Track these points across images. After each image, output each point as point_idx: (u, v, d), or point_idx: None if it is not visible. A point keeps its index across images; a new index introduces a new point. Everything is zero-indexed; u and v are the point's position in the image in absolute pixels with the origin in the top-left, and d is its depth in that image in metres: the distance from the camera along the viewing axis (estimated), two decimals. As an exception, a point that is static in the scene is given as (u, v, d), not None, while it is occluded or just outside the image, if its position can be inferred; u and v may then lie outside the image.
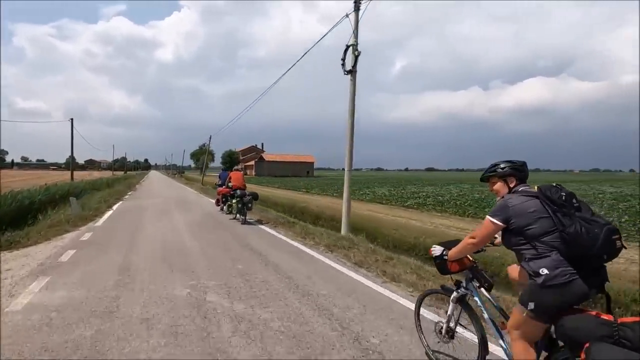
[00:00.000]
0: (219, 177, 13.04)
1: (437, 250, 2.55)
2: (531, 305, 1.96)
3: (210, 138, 31.69)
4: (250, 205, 9.95)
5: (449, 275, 2.71)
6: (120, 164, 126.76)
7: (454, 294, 2.61)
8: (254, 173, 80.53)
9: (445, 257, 2.49)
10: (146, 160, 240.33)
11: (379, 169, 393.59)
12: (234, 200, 10.41)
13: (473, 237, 2.29)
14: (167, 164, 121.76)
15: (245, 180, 10.81)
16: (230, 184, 10.74)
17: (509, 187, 2.31)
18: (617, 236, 1.88)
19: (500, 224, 2.13)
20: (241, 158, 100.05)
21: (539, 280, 1.93)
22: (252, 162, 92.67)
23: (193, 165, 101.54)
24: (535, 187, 2.18)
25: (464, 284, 2.59)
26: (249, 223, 9.91)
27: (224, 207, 12.09)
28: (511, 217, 2.10)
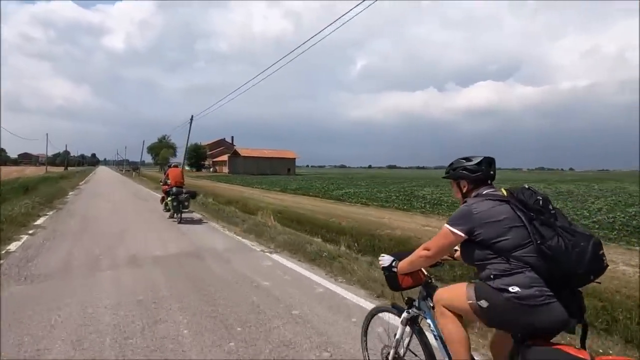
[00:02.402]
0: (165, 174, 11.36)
1: (385, 260, 2.15)
2: (483, 303, 1.69)
3: (191, 118, 21.52)
4: (187, 203, 9.82)
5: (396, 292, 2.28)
6: (62, 159, 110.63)
7: (404, 314, 2.23)
8: (227, 170, 69.72)
9: (395, 270, 2.10)
10: (94, 155, 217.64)
11: (342, 166, 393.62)
12: (169, 198, 9.96)
13: (427, 249, 1.91)
14: (119, 159, 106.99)
15: (184, 176, 10.61)
16: (168, 181, 10.19)
17: (462, 192, 2.00)
18: (602, 251, 1.60)
19: (462, 234, 1.77)
20: (208, 153, 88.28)
21: (506, 295, 1.62)
22: (223, 158, 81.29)
23: (151, 160, 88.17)
24: (504, 190, 1.86)
25: (417, 303, 2.19)
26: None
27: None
28: (476, 226, 1.75)
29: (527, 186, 1.82)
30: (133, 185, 26.49)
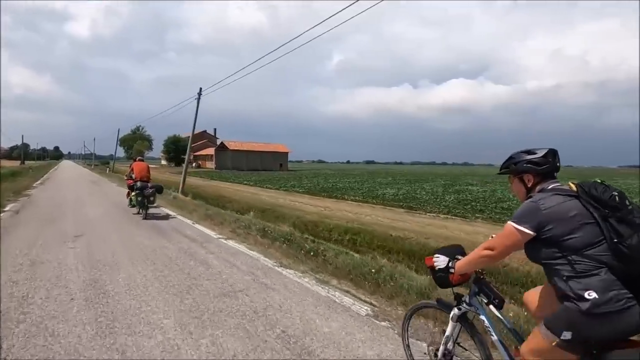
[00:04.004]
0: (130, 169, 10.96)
1: (441, 261, 2.03)
2: (567, 335, 1.55)
3: (199, 92, 14.77)
4: (152, 199, 9.47)
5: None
6: (19, 152, 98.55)
7: (454, 310, 2.16)
8: (212, 165, 62.11)
9: (452, 271, 1.98)
10: (56, 148, 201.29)
11: (320, 161, 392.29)
12: (133, 193, 9.74)
13: (490, 249, 1.78)
14: (86, 152, 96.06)
15: (150, 171, 10.04)
16: (132, 175, 9.86)
17: (527, 187, 1.86)
18: None
19: (530, 232, 1.66)
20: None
21: (584, 305, 1.50)
22: (208, 152, 73.11)
23: (124, 154, 78.64)
24: (572, 185, 1.73)
25: (467, 299, 2.12)
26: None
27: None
28: (545, 223, 1.63)
29: (599, 180, 1.70)
30: (115, 191, 18.75)
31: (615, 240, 1.51)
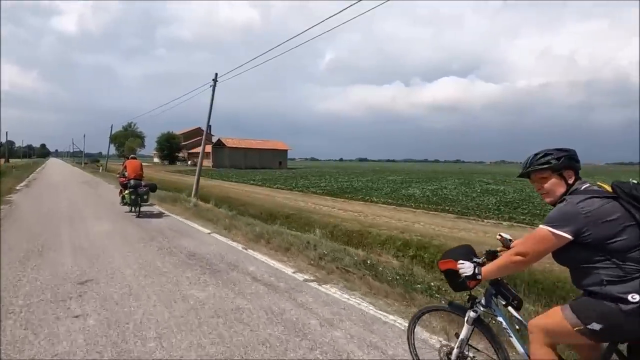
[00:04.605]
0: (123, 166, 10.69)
1: (467, 268, 1.91)
2: (595, 326, 1.55)
3: (215, 78, 12.43)
4: (146, 197, 9.34)
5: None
6: (4, 150, 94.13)
7: (470, 313, 2.10)
8: (210, 164, 59.33)
9: (479, 277, 1.88)
10: (43, 145, 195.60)
11: (313, 159, 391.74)
12: (126, 192, 9.59)
13: (522, 254, 1.69)
14: (75, 150, 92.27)
15: (143, 169, 9.90)
16: (125, 173, 9.76)
17: (568, 185, 1.75)
18: None
19: (568, 236, 1.59)
20: (182, 143, 76.86)
21: (626, 307, 1.49)
22: (204, 149, 70.20)
23: (115, 151, 75.23)
24: (605, 185, 1.69)
25: (482, 301, 2.08)
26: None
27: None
28: (585, 227, 1.57)
29: (635, 181, 1.64)
30: (117, 197, 15.86)
31: None
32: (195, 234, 7.26)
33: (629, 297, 1.48)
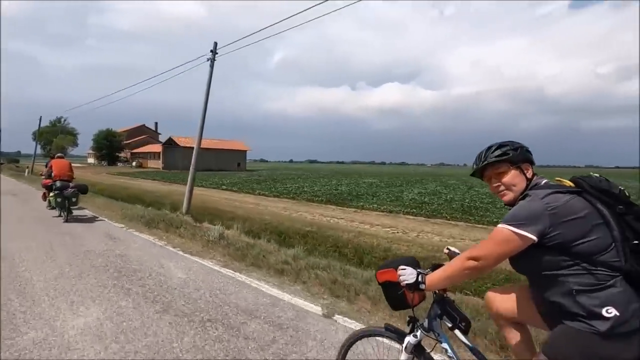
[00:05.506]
0: (48, 167, 9.71)
1: (409, 275, 1.57)
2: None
3: (215, 47, 8.88)
4: (75, 199, 8.53)
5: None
6: None
7: (409, 339, 1.74)
8: (159, 165, 52.91)
9: (423, 287, 1.55)
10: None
11: (262, 160, 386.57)
12: (51, 194, 8.80)
13: (475, 259, 1.41)
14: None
15: (72, 169, 9.07)
16: (51, 174, 8.87)
17: (528, 180, 1.53)
18: None
19: (533, 237, 1.33)
20: (125, 142, 68.44)
21: (602, 325, 1.23)
22: (151, 149, 62.70)
23: (41, 150, 64.74)
24: (563, 181, 1.48)
25: (425, 323, 1.72)
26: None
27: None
28: (552, 226, 1.32)
29: (597, 175, 1.45)
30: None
31: (637, 241, 1.28)
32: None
33: (604, 312, 1.24)
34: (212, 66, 9.36)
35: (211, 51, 9.34)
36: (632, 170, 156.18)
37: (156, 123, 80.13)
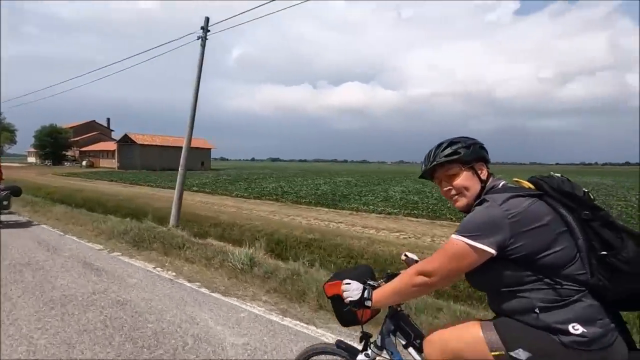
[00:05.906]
0: None
1: (354, 290, 1.39)
2: (521, 354, 1.13)
3: (206, 22, 7.25)
4: (6, 203, 7.98)
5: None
6: None
7: (360, 357, 1.58)
8: (114, 164, 48.49)
9: (368, 304, 1.36)
10: None
11: (222, 159, 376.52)
12: None
13: (426, 274, 1.22)
14: None
15: (2, 170, 8.66)
16: None
17: (483, 182, 1.34)
18: None
19: (492, 251, 1.14)
20: (72, 139, 62.27)
21: (567, 338, 1.11)
22: (103, 146, 57.39)
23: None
24: (522, 182, 1.29)
25: (378, 340, 1.58)
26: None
27: None
28: (513, 237, 1.14)
29: (559, 175, 1.24)
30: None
31: (604, 252, 1.11)
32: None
33: (570, 328, 1.10)
34: (203, 45, 7.65)
35: (202, 28, 7.65)
36: (574, 167, 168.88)
37: (108, 119, 73.92)
